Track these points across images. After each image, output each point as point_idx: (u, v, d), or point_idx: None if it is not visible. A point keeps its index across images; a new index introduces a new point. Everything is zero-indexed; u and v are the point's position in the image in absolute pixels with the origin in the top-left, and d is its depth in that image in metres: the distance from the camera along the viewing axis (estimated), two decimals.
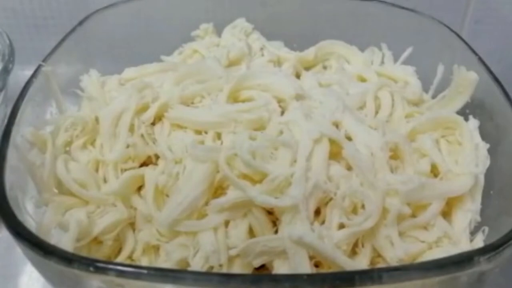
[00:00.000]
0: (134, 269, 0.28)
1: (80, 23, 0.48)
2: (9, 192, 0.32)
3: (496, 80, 0.41)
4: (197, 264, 0.33)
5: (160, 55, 0.52)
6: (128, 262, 0.36)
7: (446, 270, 0.28)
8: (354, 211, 0.35)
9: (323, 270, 0.34)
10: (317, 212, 0.35)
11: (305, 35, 0.52)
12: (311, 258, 0.33)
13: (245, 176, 0.35)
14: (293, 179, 0.34)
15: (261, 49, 0.51)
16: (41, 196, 0.36)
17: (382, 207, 0.34)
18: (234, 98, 0.42)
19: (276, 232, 0.35)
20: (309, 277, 0.28)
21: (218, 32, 0.53)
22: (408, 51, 0.50)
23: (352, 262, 0.33)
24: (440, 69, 0.48)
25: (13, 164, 0.34)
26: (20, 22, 0.62)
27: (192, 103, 0.42)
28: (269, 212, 0.35)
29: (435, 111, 0.44)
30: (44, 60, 0.42)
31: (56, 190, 0.38)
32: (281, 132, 0.38)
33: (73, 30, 0.47)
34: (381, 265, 0.35)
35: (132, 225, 0.38)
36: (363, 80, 0.48)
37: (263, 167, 0.35)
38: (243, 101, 0.42)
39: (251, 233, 0.35)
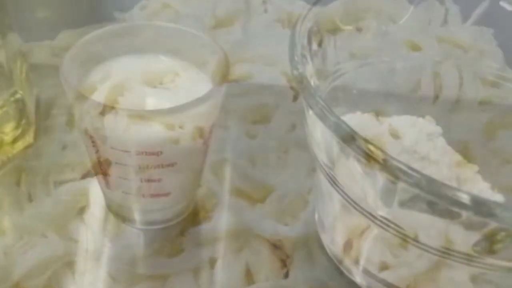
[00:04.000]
0: None
1: None
2: None
3: None
4: None
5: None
6: None
7: None
8: None
9: None
10: None
11: None
12: None
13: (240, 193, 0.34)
14: None
15: (264, 2, 0.45)
16: None
17: None
18: None
19: (286, 276, 0.31)
20: None
21: None
22: (484, 5, 0.40)
23: None
24: None
25: None
26: None
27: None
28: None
29: None
30: None
31: None
32: None
33: None
34: None
35: (70, 265, 0.31)
36: (416, 48, 0.40)
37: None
38: None
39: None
